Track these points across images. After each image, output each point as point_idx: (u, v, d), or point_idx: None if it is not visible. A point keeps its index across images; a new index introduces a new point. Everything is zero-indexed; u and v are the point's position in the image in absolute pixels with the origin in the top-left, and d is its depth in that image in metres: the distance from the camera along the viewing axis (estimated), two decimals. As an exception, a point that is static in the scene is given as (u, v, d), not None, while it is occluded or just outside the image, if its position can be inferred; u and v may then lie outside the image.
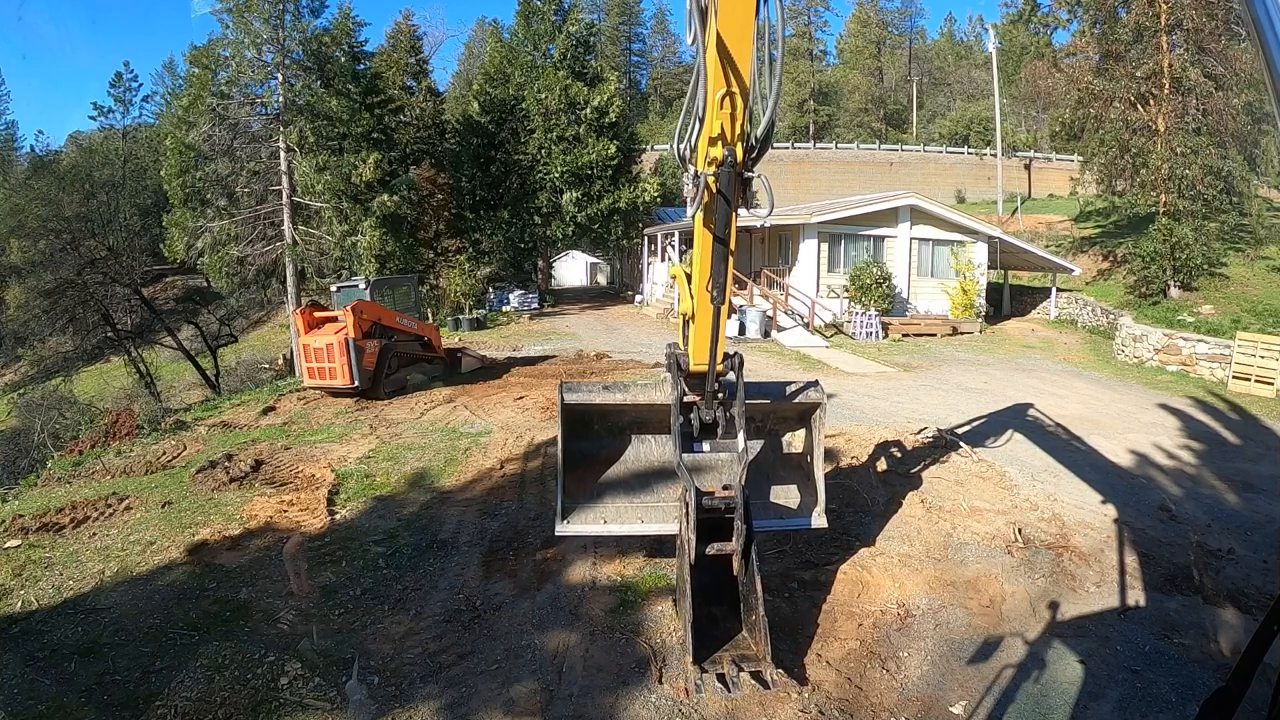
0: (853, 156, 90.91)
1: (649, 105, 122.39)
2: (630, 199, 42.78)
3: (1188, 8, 31.68)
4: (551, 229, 43.37)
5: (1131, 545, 9.85)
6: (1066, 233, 50.00)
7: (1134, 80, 33.41)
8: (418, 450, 13.12)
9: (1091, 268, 39.70)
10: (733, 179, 5.38)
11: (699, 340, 6.79)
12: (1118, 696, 6.60)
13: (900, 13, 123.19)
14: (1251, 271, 33.85)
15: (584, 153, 41.37)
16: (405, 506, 10.58)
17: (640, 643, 7.11)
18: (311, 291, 35.96)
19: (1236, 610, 8.27)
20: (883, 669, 6.87)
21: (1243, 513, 11.49)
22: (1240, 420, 18.25)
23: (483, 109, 43.80)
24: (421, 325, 20.09)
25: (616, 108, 43.15)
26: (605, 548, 8.97)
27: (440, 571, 8.55)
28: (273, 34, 35.89)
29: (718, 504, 6.52)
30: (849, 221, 32.31)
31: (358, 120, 37.34)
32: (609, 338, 28.61)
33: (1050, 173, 79.40)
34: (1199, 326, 25.79)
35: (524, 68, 44.20)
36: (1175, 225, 31.00)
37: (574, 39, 44.15)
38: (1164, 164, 31.98)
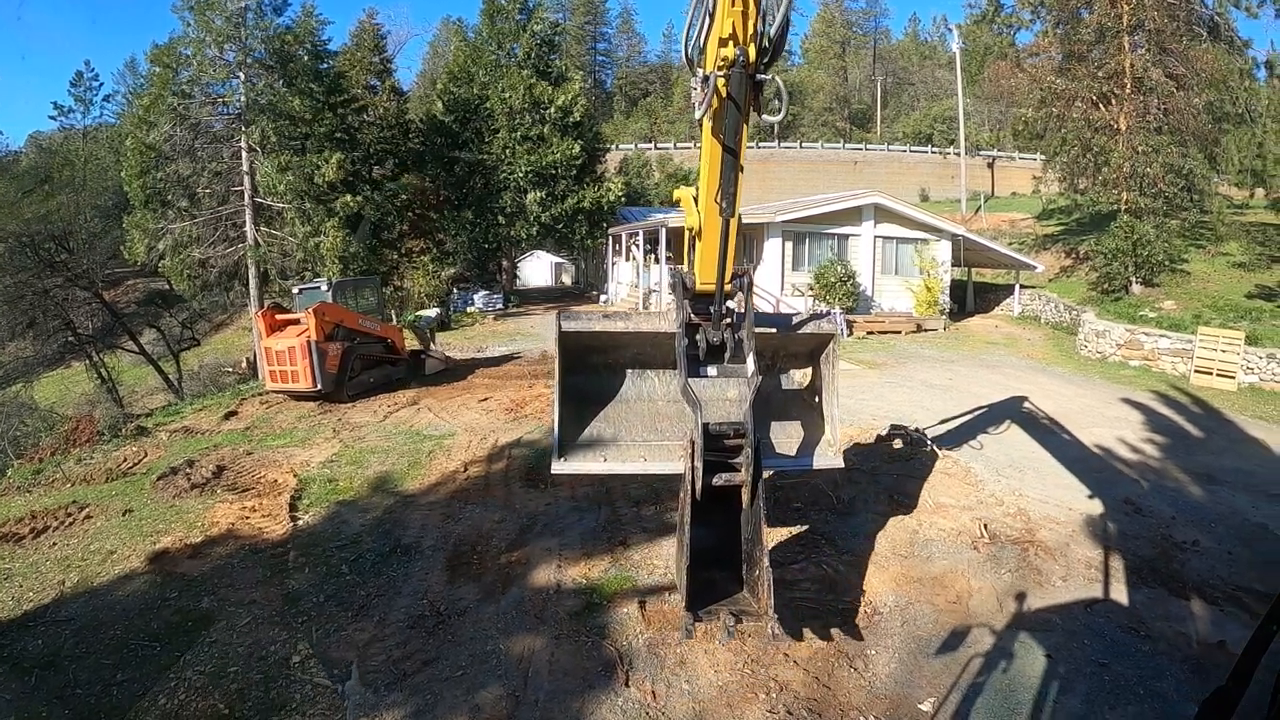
0: (817, 156, 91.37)
1: (614, 105, 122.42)
2: (594, 199, 42.67)
3: (1150, 9, 32.09)
4: (516, 229, 43.20)
5: (1097, 539, 9.90)
6: (1029, 230, 50.47)
7: (1096, 80, 33.81)
8: (381, 453, 12.99)
9: (1054, 265, 40.09)
10: (744, 82, 5.16)
11: (706, 257, 6.49)
12: (1085, 689, 6.63)
13: (865, 13, 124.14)
14: (1212, 267, 34.35)
15: (548, 152, 41.20)
16: (368, 511, 10.45)
17: (606, 646, 7.05)
18: (274, 294, 35.55)
19: (1203, 602, 8.33)
20: (850, 667, 6.85)
21: (1207, 505, 11.58)
22: (1203, 414, 18.43)
23: (447, 108, 43.57)
24: (385, 327, 19.91)
25: (581, 107, 43.01)
26: (570, 550, 8.91)
27: (404, 577, 8.45)
28: (234, 32, 35.34)
29: (725, 429, 6.25)
30: (813, 220, 32.29)
31: (320, 120, 36.98)
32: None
33: (1013, 171, 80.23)
34: (1161, 322, 26.05)
35: (488, 67, 43.96)
36: (1137, 222, 31.40)
37: (538, 38, 43.95)
38: (1126, 162, 32.40)
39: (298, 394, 17.18)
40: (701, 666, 6.77)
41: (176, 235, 36.09)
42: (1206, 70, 32.94)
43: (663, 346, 7.20)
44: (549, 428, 14.05)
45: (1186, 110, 32.66)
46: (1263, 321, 25.08)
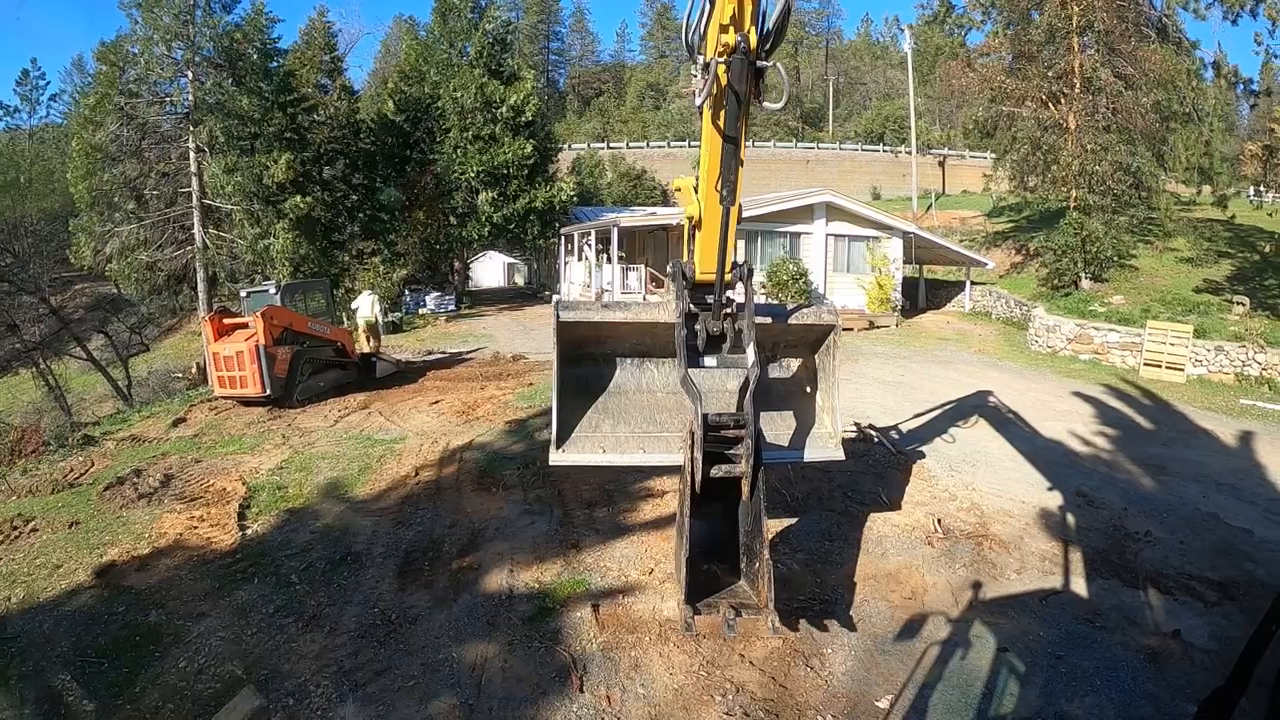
0: (769, 155, 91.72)
1: (566, 104, 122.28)
2: (546, 198, 42.32)
3: (1099, 10, 32.48)
4: (467, 229, 42.78)
5: (1050, 532, 9.98)
6: (980, 228, 50.96)
7: (1046, 80, 34.23)
8: (331, 459, 12.77)
9: (1005, 261, 40.53)
10: (745, 68, 5.10)
11: (706, 246, 6.47)
12: (1042, 681, 6.66)
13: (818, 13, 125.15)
14: (1160, 263, 34.89)
15: (500, 152, 40.84)
16: (318, 518, 10.25)
17: (560, 651, 6.96)
18: (224, 297, 34.98)
19: (1157, 591, 8.41)
20: (807, 666, 6.83)
21: (1158, 495, 11.72)
22: (1153, 405, 18.67)
23: (398, 108, 43.15)
24: (335, 330, 19.60)
25: (533, 106, 42.69)
26: (522, 554, 8.80)
27: (354, 585, 8.29)
28: (183, 29, 34.68)
29: (726, 421, 6.19)
30: (765, 219, 32.45)
31: (270, 119, 36.32)
32: (526, 339, 28.32)
33: (964, 169, 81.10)
34: (1110, 316, 26.39)
35: (440, 66, 43.57)
36: (1086, 219, 31.80)
37: (490, 37, 43.49)
38: (1075, 160, 32.76)
39: (246, 399, 16.88)
40: (656, 670, 6.70)
41: (124, 238, 35.45)
42: (1155, 70, 33.44)
43: (662, 337, 7.14)
44: (502, 429, 14.06)
45: (1135, 109, 33.14)
46: (1210, 315, 25.49)
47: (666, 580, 8.19)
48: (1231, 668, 2.48)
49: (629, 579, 8.27)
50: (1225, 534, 10.32)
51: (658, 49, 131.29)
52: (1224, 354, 22.25)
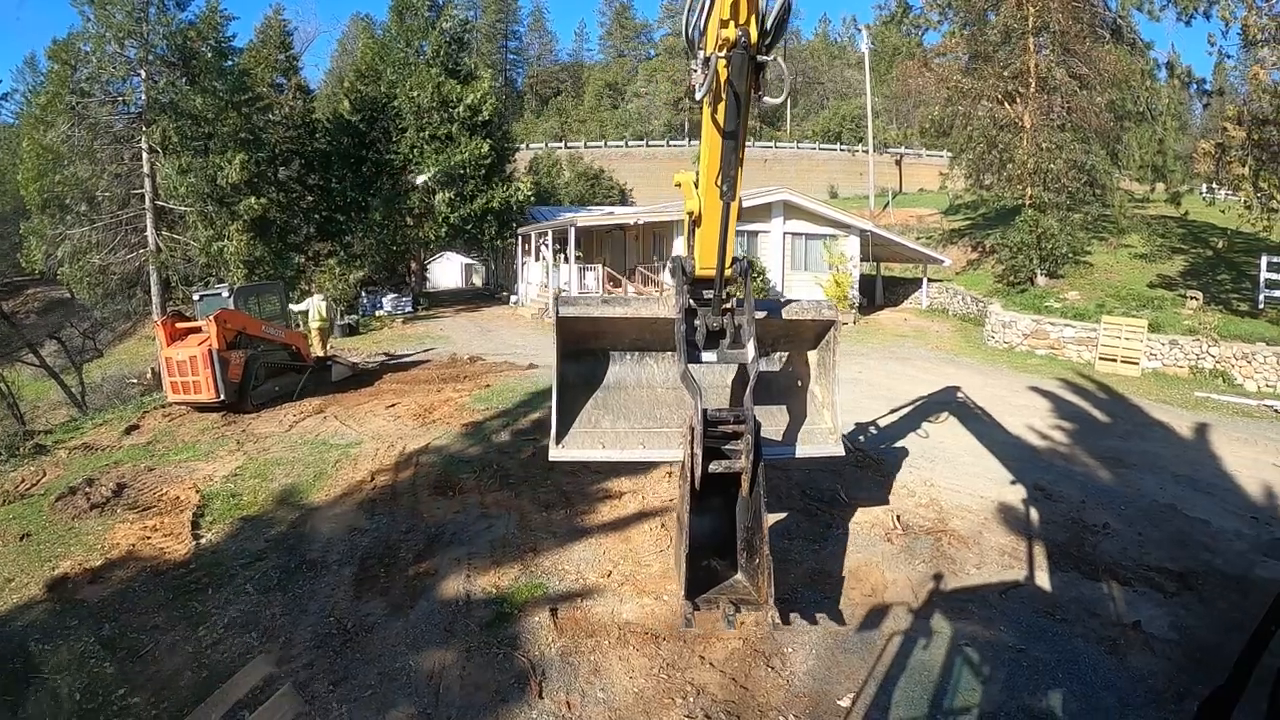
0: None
1: (524, 104, 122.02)
2: (504, 198, 42.07)
3: (1055, 11, 32.87)
4: (424, 230, 42.55)
5: (1009, 526, 10.04)
6: (936, 225, 51.33)
7: (1002, 79, 34.56)
8: (286, 465, 12.57)
9: (961, 258, 40.84)
10: (745, 63, 5.04)
11: (706, 242, 6.46)
12: (1004, 676, 6.67)
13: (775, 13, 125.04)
14: (1115, 259, 35.32)
15: (457, 152, 40.58)
16: (273, 526, 10.07)
17: (519, 657, 6.86)
18: (178, 301, 34.47)
19: (1116, 583, 8.48)
20: (768, 666, 6.77)
21: (1115, 488, 11.85)
22: (1108, 399, 18.87)
23: (354, 107, 42.62)
24: (289, 333, 19.32)
25: (490, 106, 42.45)
26: (479, 559, 8.69)
27: (310, 594, 8.13)
28: (136, 27, 34.10)
29: (726, 416, 6.20)
30: None
31: (224, 119, 35.69)
32: (483, 340, 28.18)
33: (920, 168, 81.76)
34: (1065, 312, 26.69)
35: (396, 65, 43.11)
36: (1041, 216, 32.16)
37: (448, 36, 43.19)
38: (1030, 158, 33.13)
39: (200, 405, 16.58)
40: (616, 673, 6.63)
41: (76, 241, 34.87)
42: (1109, 70, 33.96)
43: (662, 332, 7.14)
44: (459, 432, 13.94)
45: (1089, 108, 33.59)
46: (1164, 310, 25.83)
47: (625, 583, 8.13)
48: (1231, 668, 2.46)
49: (587, 582, 8.19)
50: (1183, 525, 10.45)
51: (616, 48, 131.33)
52: (1178, 348, 22.55)
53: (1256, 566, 9.26)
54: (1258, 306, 26.05)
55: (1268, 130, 23.79)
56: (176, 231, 35.53)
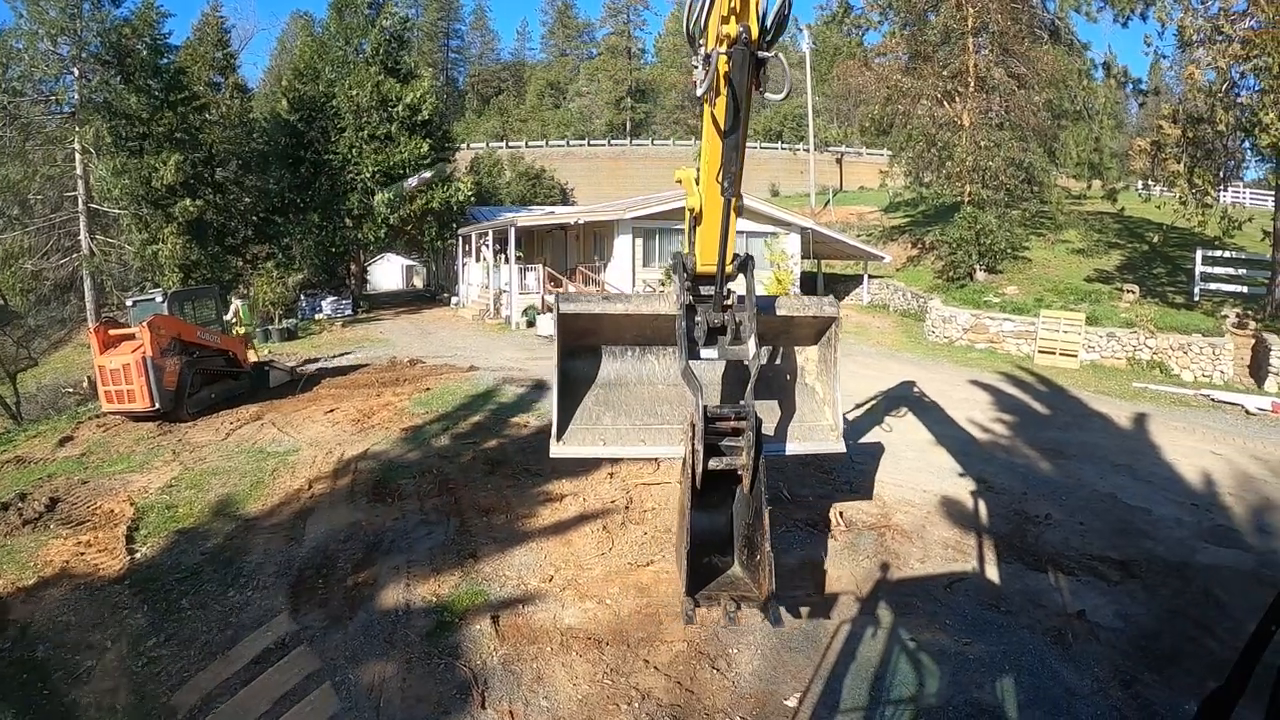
0: (669, 153, 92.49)
1: (466, 103, 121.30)
2: (443, 198, 41.65)
3: (994, 12, 33.42)
4: (363, 231, 42.13)
5: (952, 519, 10.09)
6: (877, 222, 51.83)
7: (941, 79, 35.03)
8: (223, 475, 12.28)
9: (901, 255, 41.24)
10: (746, 59, 4.97)
11: (707, 238, 6.39)
12: (951, 670, 6.67)
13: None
14: (1053, 254, 35.91)
15: (396, 152, 40.30)
16: (209, 538, 9.81)
17: (460, 666, 6.72)
18: (113, 307, 33.73)
19: (1060, 573, 8.55)
20: (713, 668, 6.72)
21: (1057, 478, 11.99)
22: (1048, 391, 19.11)
23: (292, 106, 42.07)
24: (225, 338, 18.91)
25: (430, 105, 42.22)
26: (419, 566, 8.54)
27: (247, 608, 7.91)
28: (69, 24, 33.39)
29: (727, 413, 6.16)
30: (664, 216, 32.62)
31: (159, 119, 34.97)
32: (423, 343, 27.93)
33: (861, 166, 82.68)
34: (1004, 306, 27.06)
35: (335, 63, 42.72)
36: (980, 213, 32.66)
37: (388, 34, 42.85)
38: (969, 156, 33.63)
39: (135, 414, 16.17)
40: (560, 681, 6.53)
41: (7, 245, 34.10)
42: (1047, 70, 34.63)
43: (662, 329, 7.09)
44: (398, 437, 13.75)
45: (1027, 107, 34.18)
46: (1101, 303, 26.31)
47: (567, 587, 8.04)
48: (1231, 668, 2.42)
49: (528, 587, 8.08)
50: (1124, 513, 10.59)
51: (558, 47, 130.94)
52: (1116, 340, 22.93)
53: (1197, 553, 9.40)
54: (1193, 299, 26.67)
55: (1202, 128, 24.35)
56: (111, 235, 34.87)
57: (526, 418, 15.25)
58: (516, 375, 19.72)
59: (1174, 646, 7.23)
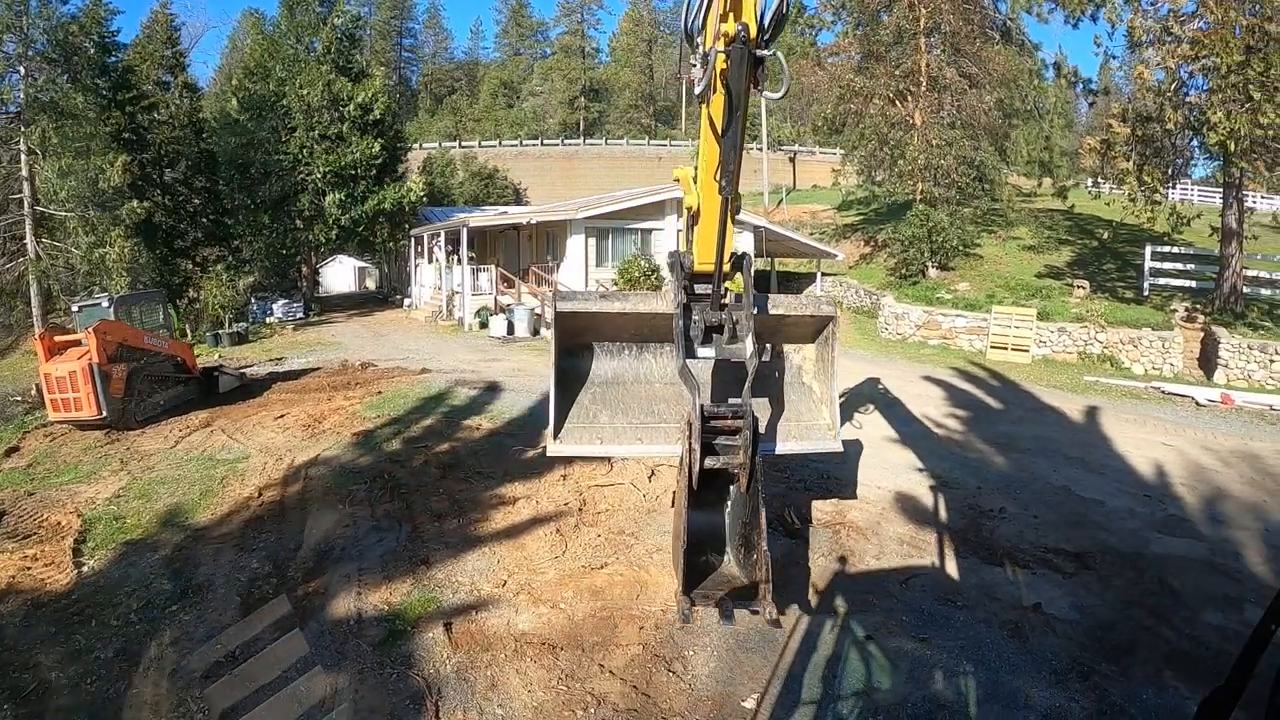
0: (622, 152, 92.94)
1: (419, 102, 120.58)
2: (395, 199, 41.29)
3: (946, 13, 33.88)
4: (315, 233, 41.50)
5: (907, 515, 10.14)
6: (830, 221, 52.17)
7: (893, 78, 35.44)
8: (171, 484, 12.04)
9: (854, 253, 41.58)
10: (745, 57, 4.93)
11: (704, 237, 6.37)
12: (908, 666, 6.67)
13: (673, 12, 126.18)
14: (1004, 250, 36.36)
15: (347, 152, 39.74)
16: (158, 549, 9.59)
17: (414, 676, 6.60)
18: (61, 312, 33.03)
19: (1015, 566, 8.60)
20: (669, 671, 6.65)
21: (1010, 472, 12.10)
22: (1001, 386, 19.30)
23: (242, 106, 41.24)
24: (173, 344, 18.60)
25: (382, 104, 41.68)
26: (371, 574, 8.41)
27: (197, 620, 7.73)
28: (15, 20, 32.50)
29: (724, 411, 6.10)
30: (616, 216, 32.90)
31: (107, 118, 34.33)
32: (376, 345, 27.71)
33: (814, 165, 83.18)
34: (956, 303, 27.33)
35: (286, 62, 41.87)
36: (932, 211, 33.09)
37: (339, 32, 42.21)
38: (921, 155, 34.07)
39: (82, 423, 15.82)
40: (514, 688, 6.43)
41: (-49, 251, 33.30)
42: (998, 70, 35.25)
43: (660, 328, 7.05)
44: (350, 442, 13.58)
45: (979, 107, 34.73)
46: (1052, 299, 26.64)
47: (520, 592, 7.96)
48: (1231, 668, 2.40)
49: (481, 593, 7.98)
50: (1077, 506, 10.72)
51: (512, 46, 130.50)
52: (1067, 335, 23.24)
53: (1151, 543, 9.53)
54: (1143, 294, 27.08)
55: (1151, 126, 24.74)
56: (57, 238, 34.05)
57: (479, 420, 15.16)
58: (469, 377, 19.58)
59: (1130, 637, 7.29)
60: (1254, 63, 21.55)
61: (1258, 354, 20.45)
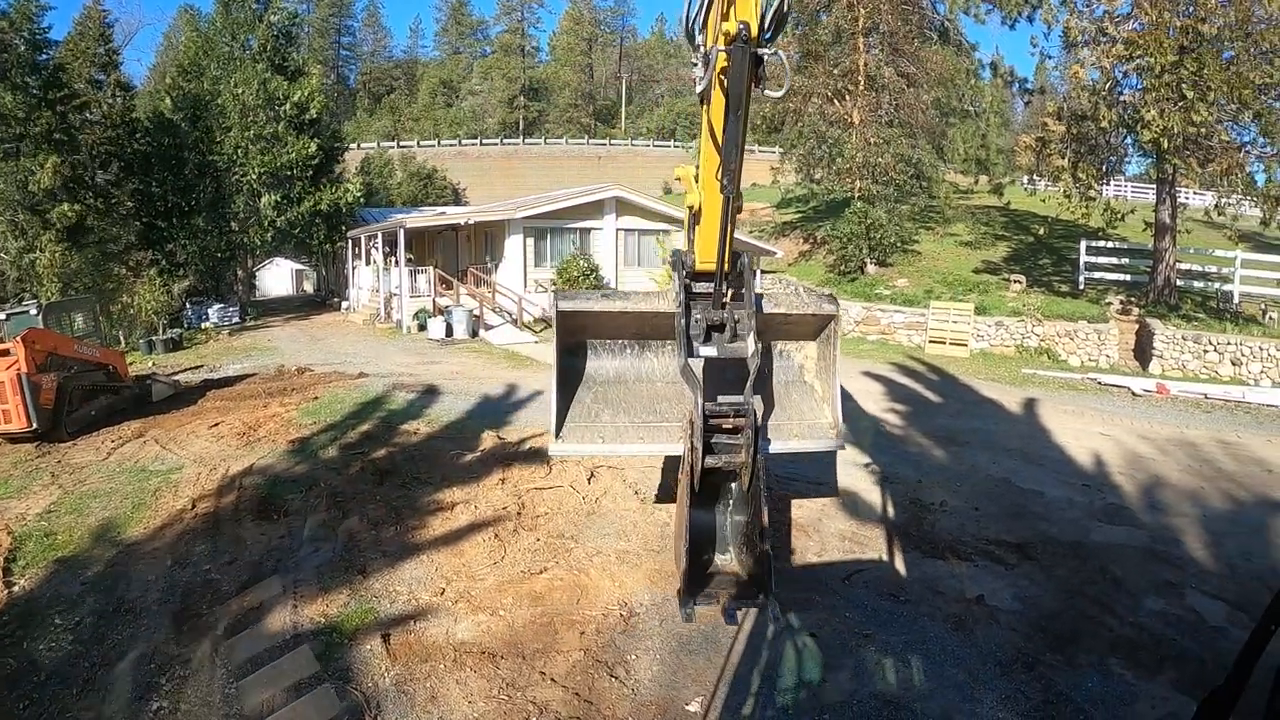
0: (562, 151, 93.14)
1: (357, 102, 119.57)
2: (332, 200, 40.94)
3: (884, 13, 34.36)
4: (250, 235, 40.98)
5: (848, 511, 10.20)
6: (769, 218, 52.49)
7: (832, 77, 35.88)
8: (104, 497, 11.68)
9: (793, 250, 41.86)
10: (746, 56, 4.88)
11: (706, 235, 6.34)
12: (853, 664, 6.66)
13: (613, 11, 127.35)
14: (941, 247, 36.88)
15: (283, 152, 39.21)
16: (90, 566, 9.28)
17: (351, 690, 6.45)
18: (-12, 321, 32.19)
19: (957, 559, 8.67)
20: (612, 677, 6.58)
21: (950, 465, 12.24)
22: (940, 380, 19.52)
23: (175, 105, 40.49)
24: (105, 352, 18.06)
25: (318, 103, 41.26)
26: (306, 586, 8.24)
27: (130, 639, 7.47)
28: (-60, 18, 31.84)
29: (726, 410, 6.11)
30: (555, 215, 33.02)
31: (36, 118, 33.39)
32: (313, 350, 27.39)
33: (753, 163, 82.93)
34: (895, 298, 27.65)
35: (221, 60, 41.26)
36: (870, 208, 33.55)
37: (276, 29, 41.71)
38: (859, 153, 34.57)
39: (11, 436, 15.30)
40: (454, 699, 6.32)
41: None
42: (936, 70, 35.79)
43: (661, 327, 7.05)
44: (285, 450, 13.36)
45: (916, 105, 35.26)
46: (989, 294, 27.06)
47: (459, 600, 7.84)
48: (1230, 668, 2.38)
49: (420, 602, 7.84)
50: (1017, 497, 10.85)
51: (452, 45, 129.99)
52: (1004, 328, 23.58)
53: (1091, 532, 9.69)
54: (1078, 287, 27.58)
55: (1086, 125, 25.25)
56: (-15, 244, 33.22)
57: (416, 424, 15.01)
58: (407, 381, 19.43)
59: (1073, 626, 7.37)
60: (1187, 62, 22.06)
61: (1191, 345, 20.92)
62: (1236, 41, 22.47)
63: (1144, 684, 6.48)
